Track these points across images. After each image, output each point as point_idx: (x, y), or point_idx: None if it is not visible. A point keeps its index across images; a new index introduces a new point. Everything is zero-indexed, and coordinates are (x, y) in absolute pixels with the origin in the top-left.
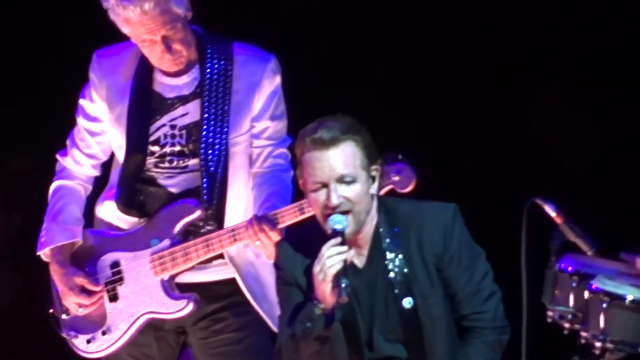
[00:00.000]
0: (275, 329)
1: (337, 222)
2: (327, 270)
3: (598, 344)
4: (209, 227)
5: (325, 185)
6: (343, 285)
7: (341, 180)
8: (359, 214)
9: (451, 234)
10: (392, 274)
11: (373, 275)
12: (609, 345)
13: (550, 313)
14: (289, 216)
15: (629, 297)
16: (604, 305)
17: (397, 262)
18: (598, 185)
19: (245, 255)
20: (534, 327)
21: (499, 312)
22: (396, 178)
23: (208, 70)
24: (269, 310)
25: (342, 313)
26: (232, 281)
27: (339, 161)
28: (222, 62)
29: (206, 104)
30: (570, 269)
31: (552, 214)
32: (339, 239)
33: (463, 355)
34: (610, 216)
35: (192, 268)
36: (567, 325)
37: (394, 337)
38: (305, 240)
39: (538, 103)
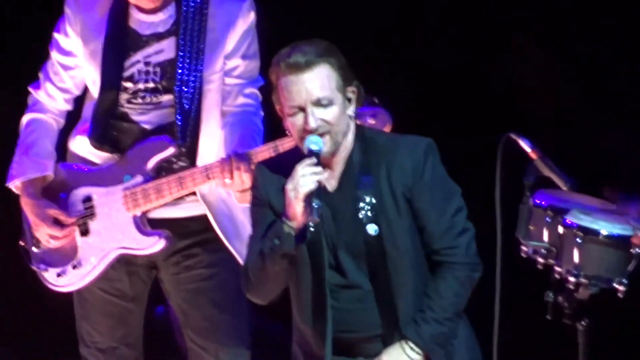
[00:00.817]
0: None
1: (313, 142)
2: (300, 188)
3: (572, 279)
4: (182, 164)
5: (302, 109)
6: (315, 206)
7: (318, 103)
8: (336, 135)
9: (423, 166)
10: (360, 201)
11: (342, 200)
12: (583, 280)
13: (524, 248)
14: (263, 155)
15: (603, 232)
16: (578, 240)
17: (366, 190)
18: (573, 122)
19: (218, 193)
20: (508, 263)
21: (471, 249)
22: (372, 121)
23: (184, 8)
24: (240, 247)
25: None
26: (205, 217)
27: (315, 84)
28: (198, 1)
29: (181, 41)
30: (544, 204)
31: (527, 149)
32: (314, 159)
33: (433, 289)
34: (584, 151)
35: (164, 204)
36: (541, 260)
37: (359, 264)
38: (283, 163)
39: (514, 44)
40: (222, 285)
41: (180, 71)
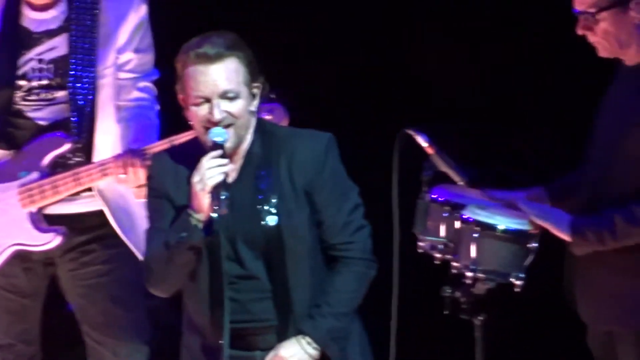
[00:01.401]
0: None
1: (218, 134)
2: (206, 180)
3: (469, 274)
4: (77, 160)
5: (208, 100)
6: (222, 197)
7: (224, 95)
8: (240, 129)
9: (323, 161)
10: (259, 193)
11: (241, 192)
12: (480, 275)
13: (421, 243)
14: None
15: (500, 227)
16: (475, 235)
17: (266, 182)
18: (470, 117)
19: (115, 188)
20: (405, 258)
21: (367, 246)
22: (268, 117)
23: (76, 3)
24: (138, 242)
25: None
26: (101, 213)
27: (223, 76)
28: None
29: (73, 37)
30: (441, 199)
31: (424, 144)
32: (219, 151)
33: (330, 283)
34: (482, 148)
35: (61, 200)
36: (438, 255)
37: (257, 255)
38: (179, 154)
39: (414, 38)
40: (119, 281)
41: (73, 67)
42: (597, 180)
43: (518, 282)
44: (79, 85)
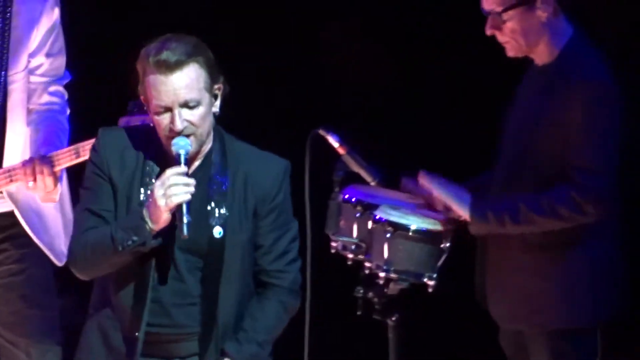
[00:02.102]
0: (57, 262)
1: (181, 146)
2: (171, 197)
3: (382, 274)
4: None
5: (168, 109)
6: (185, 221)
7: (185, 105)
8: (201, 136)
9: (279, 186)
10: (211, 202)
11: (192, 197)
12: (393, 275)
13: (334, 244)
14: (65, 159)
15: (413, 227)
16: (388, 235)
17: (218, 192)
18: (383, 117)
19: (25, 190)
20: (318, 259)
21: (298, 278)
22: None
23: None
24: (49, 243)
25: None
26: (12, 213)
27: (183, 85)
28: (2, 0)
29: None
30: (354, 199)
31: (335, 144)
32: (185, 168)
33: (258, 309)
34: (392, 147)
35: None
36: (350, 255)
37: (194, 261)
38: (131, 136)
39: (328, 38)
40: (31, 280)
41: None
42: (506, 178)
43: (431, 282)
44: None
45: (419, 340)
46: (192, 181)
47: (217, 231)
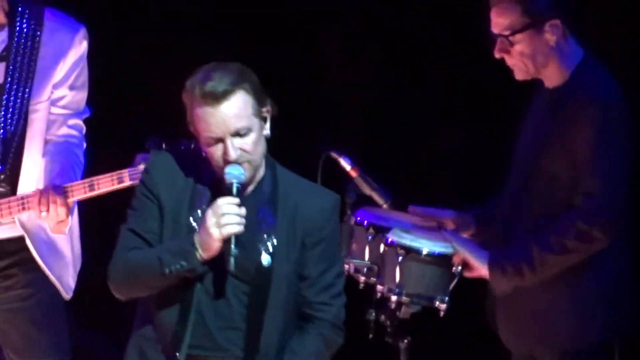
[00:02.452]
0: (65, 294)
1: (235, 176)
2: (224, 227)
3: (394, 298)
4: (1, 190)
5: (220, 139)
6: (233, 254)
7: (236, 134)
8: (255, 162)
9: (328, 218)
10: (260, 230)
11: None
12: (405, 299)
13: (346, 266)
14: (79, 191)
15: (424, 250)
16: (400, 258)
17: (268, 221)
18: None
19: (36, 220)
20: None
21: (342, 314)
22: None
23: (17, 33)
24: (58, 275)
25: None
26: (23, 238)
27: (232, 115)
28: (32, 26)
29: (11, 67)
30: (365, 222)
31: (347, 167)
32: (237, 199)
33: (298, 343)
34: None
35: None
36: (362, 278)
37: (241, 287)
38: (180, 159)
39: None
40: (40, 304)
41: (6, 97)
42: (514, 200)
43: (443, 306)
44: (9, 116)
45: None
46: (243, 212)
47: (265, 259)
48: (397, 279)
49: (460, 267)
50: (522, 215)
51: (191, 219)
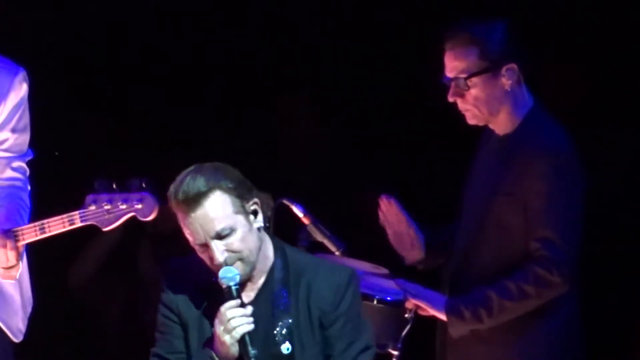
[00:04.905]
0: (13, 338)
1: (229, 278)
2: (233, 331)
3: None
4: None
5: (205, 245)
6: (251, 354)
7: (218, 236)
8: (249, 257)
9: (342, 294)
10: (276, 319)
11: (257, 314)
12: None
13: None
14: (30, 234)
15: (377, 297)
16: None
17: (283, 307)
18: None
19: None
20: None
21: None
22: (139, 206)
23: None
24: (7, 320)
25: None
26: None
27: (209, 219)
28: None
29: None
30: None
31: (300, 214)
32: (237, 301)
33: None
34: (354, 218)
35: None
36: None
37: None
38: (189, 270)
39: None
40: None
41: None
42: (466, 248)
43: (395, 352)
44: None
45: None
46: (248, 311)
47: (285, 348)
48: None
49: (412, 313)
50: (473, 261)
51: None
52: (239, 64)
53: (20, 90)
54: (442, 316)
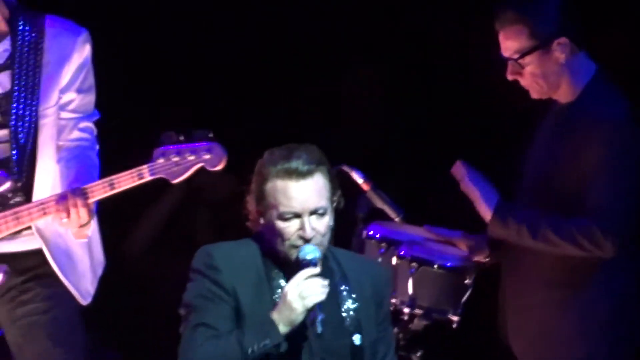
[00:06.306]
0: (82, 300)
1: (310, 252)
2: (308, 298)
3: (406, 310)
4: (17, 199)
5: (297, 215)
6: (319, 318)
7: (315, 212)
8: (323, 246)
9: (388, 293)
10: (343, 310)
11: (323, 307)
12: (417, 311)
13: None
14: (99, 191)
15: (437, 263)
16: (412, 271)
17: (348, 300)
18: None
19: (54, 227)
20: None
21: None
22: (207, 156)
23: (19, 42)
24: (75, 282)
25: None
26: (41, 251)
27: (314, 193)
28: (34, 35)
29: (17, 75)
30: (378, 235)
31: (359, 180)
32: (317, 269)
33: None
34: (413, 183)
35: (0, 238)
36: None
37: None
38: (240, 253)
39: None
40: (57, 319)
41: (15, 105)
42: None
43: (455, 318)
44: (20, 124)
45: None
46: (326, 281)
47: (357, 338)
48: (410, 291)
49: (472, 279)
50: None
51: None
52: (307, 33)
53: (83, 51)
54: (487, 214)
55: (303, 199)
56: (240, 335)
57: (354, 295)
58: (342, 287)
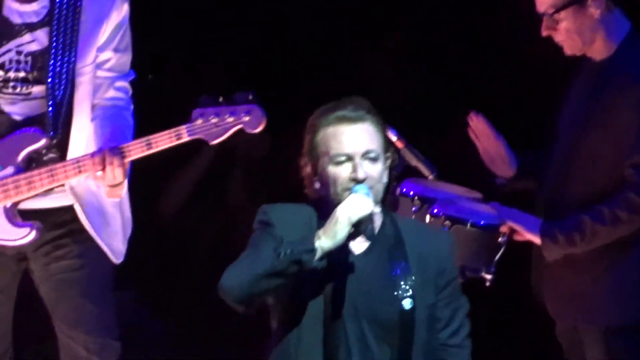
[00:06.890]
0: (114, 259)
1: (362, 188)
2: (354, 211)
3: None
4: (52, 156)
5: (350, 158)
6: (365, 229)
7: (366, 155)
8: (377, 194)
9: (452, 259)
10: (394, 273)
11: (370, 267)
12: None
13: None
14: (136, 150)
15: (470, 221)
16: (445, 229)
17: (401, 265)
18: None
19: (87, 185)
20: None
21: (470, 354)
22: (246, 118)
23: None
24: (108, 240)
25: (333, 288)
26: (73, 207)
27: (366, 136)
28: None
29: (54, 32)
30: (411, 193)
31: (393, 138)
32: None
33: None
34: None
35: (34, 195)
36: None
37: (384, 335)
38: (299, 214)
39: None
40: (90, 276)
41: (52, 62)
42: (558, 177)
43: (488, 277)
44: (57, 80)
45: (476, 334)
46: (373, 202)
47: (407, 303)
48: None
49: (506, 237)
50: (565, 191)
51: None
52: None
53: (121, 11)
54: (537, 239)
55: (354, 141)
56: (279, 244)
57: (407, 263)
58: (396, 254)
